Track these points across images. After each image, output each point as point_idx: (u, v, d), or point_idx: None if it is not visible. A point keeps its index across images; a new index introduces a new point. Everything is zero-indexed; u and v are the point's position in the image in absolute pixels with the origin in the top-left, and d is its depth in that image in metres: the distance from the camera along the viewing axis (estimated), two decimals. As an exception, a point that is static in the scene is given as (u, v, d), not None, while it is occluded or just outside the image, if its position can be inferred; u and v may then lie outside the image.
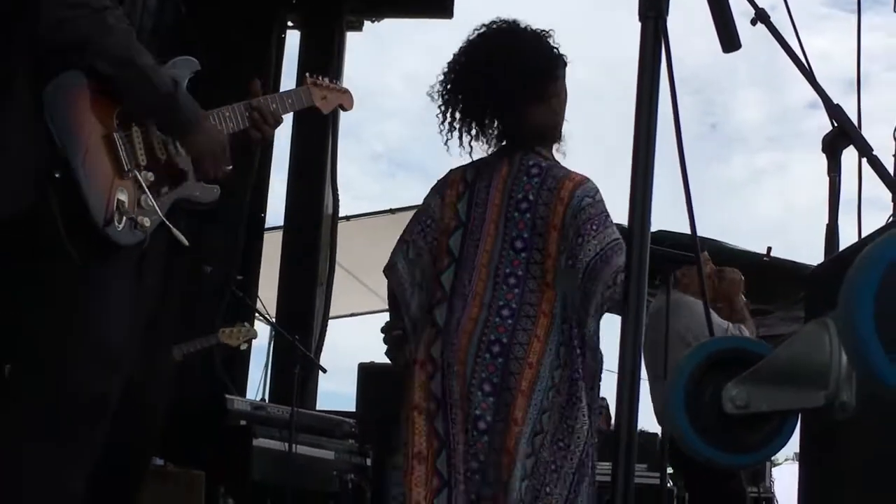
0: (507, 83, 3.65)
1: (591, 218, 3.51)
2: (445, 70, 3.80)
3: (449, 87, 3.77)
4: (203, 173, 3.34)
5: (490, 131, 3.76)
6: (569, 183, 3.57)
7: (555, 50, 3.78)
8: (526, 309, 3.49)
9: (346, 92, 4.08)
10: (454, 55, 3.80)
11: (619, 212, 3.59)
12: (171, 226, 3.19)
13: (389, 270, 3.83)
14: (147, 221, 3.13)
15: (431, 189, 3.88)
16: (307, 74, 3.97)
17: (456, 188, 3.75)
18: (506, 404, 3.42)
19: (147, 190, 3.14)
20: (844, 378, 1.85)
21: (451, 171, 3.86)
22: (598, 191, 3.58)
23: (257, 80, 3.66)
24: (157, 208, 3.15)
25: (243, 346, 7.49)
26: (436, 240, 3.75)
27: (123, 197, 3.08)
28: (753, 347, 2.00)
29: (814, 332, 1.90)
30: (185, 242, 3.24)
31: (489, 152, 3.79)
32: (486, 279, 3.55)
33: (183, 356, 7.05)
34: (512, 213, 3.59)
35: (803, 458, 2.33)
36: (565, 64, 3.83)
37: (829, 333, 1.87)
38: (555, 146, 3.83)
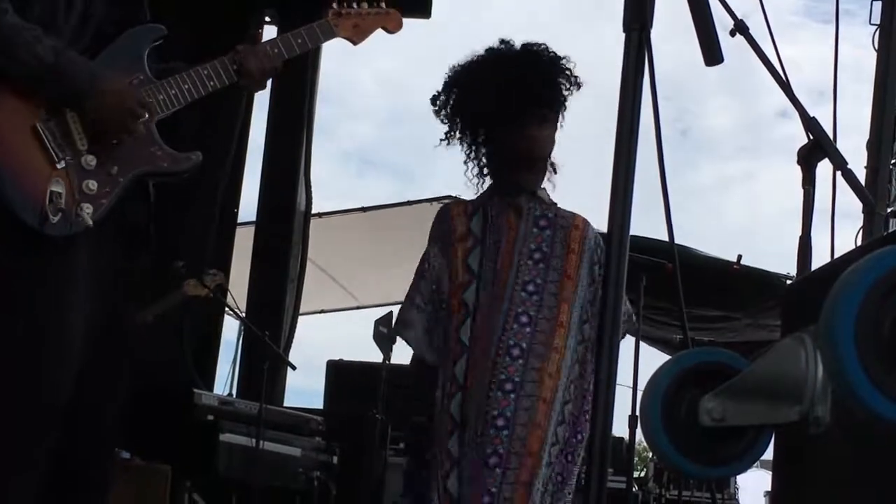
0: (488, 105, 3.62)
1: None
2: (450, 85, 3.74)
3: (451, 104, 3.72)
4: (106, 140, 3.08)
5: (480, 157, 3.75)
6: (575, 233, 3.68)
7: (553, 76, 3.68)
8: (536, 349, 3.54)
9: (391, 12, 3.58)
10: (457, 70, 3.74)
11: (590, 213, 3.64)
12: (83, 213, 2.98)
13: (404, 327, 3.73)
14: (89, 208, 2.99)
15: (432, 239, 3.77)
16: (333, 4, 3.51)
17: (465, 244, 3.66)
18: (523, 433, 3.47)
19: (79, 177, 3.00)
20: (819, 393, 1.87)
21: (450, 216, 3.75)
22: (595, 229, 3.70)
23: (260, 33, 3.49)
24: (87, 197, 2.98)
25: (212, 294, 7.34)
26: (442, 300, 3.68)
27: (59, 188, 2.95)
28: (730, 361, 2.01)
29: (790, 347, 1.91)
30: (90, 223, 2.98)
31: (479, 182, 3.78)
32: (498, 331, 3.56)
33: (153, 318, 6.97)
34: (525, 262, 3.61)
35: (776, 470, 2.35)
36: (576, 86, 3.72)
37: (805, 349, 1.88)
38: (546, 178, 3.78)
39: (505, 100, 3.60)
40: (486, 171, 3.77)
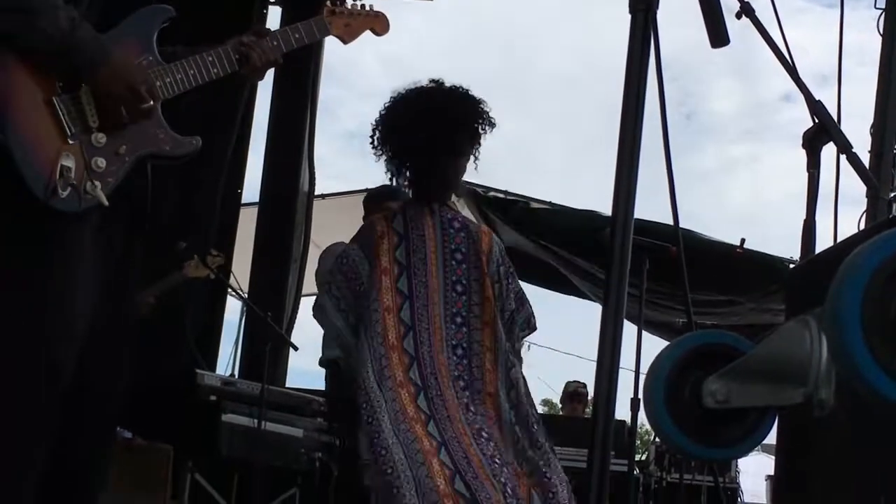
0: (427, 135, 4.03)
1: (508, 270, 4.20)
2: (382, 114, 4.18)
3: (383, 131, 4.16)
4: (115, 117, 3.08)
5: (405, 175, 4.20)
6: (485, 236, 4.18)
7: (480, 111, 4.14)
8: (475, 347, 3.97)
9: (380, 15, 3.75)
10: (390, 103, 4.18)
11: (591, 197, 3.72)
12: (97, 189, 2.99)
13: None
14: (98, 185, 2.99)
15: (354, 240, 4.22)
16: (327, 3, 3.67)
17: (389, 239, 4.08)
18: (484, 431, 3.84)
19: (89, 154, 3.00)
20: (824, 376, 1.86)
21: (372, 222, 4.20)
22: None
23: (264, 27, 3.53)
24: (96, 174, 2.99)
25: (213, 275, 7.37)
26: (360, 287, 4.05)
27: (69, 163, 2.94)
28: (734, 343, 2.01)
29: (794, 329, 1.91)
30: (105, 202, 3.00)
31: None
32: (439, 316, 3.97)
33: (154, 298, 7.02)
34: (449, 261, 4.06)
35: (779, 453, 2.35)
36: (490, 126, 4.17)
37: (809, 331, 1.88)
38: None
39: (432, 136, 4.03)
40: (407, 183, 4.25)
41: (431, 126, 4.04)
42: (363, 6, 3.70)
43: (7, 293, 2.99)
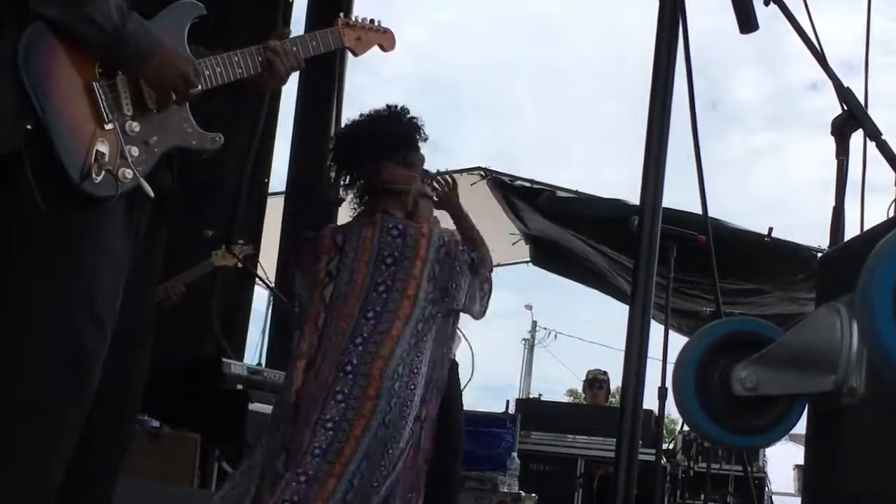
0: (369, 142, 4.49)
1: (454, 261, 4.42)
2: (336, 137, 4.73)
3: (337, 149, 4.68)
4: (163, 104, 3.14)
5: (357, 186, 4.62)
6: (423, 240, 4.39)
7: (417, 126, 4.57)
8: (376, 337, 4.23)
9: (387, 32, 3.99)
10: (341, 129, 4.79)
11: (615, 185, 3.65)
12: (141, 179, 3.03)
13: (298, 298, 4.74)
14: (129, 173, 3.00)
15: (304, 252, 4.69)
16: (340, 14, 3.85)
17: (329, 253, 4.48)
18: (354, 408, 4.12)
19: (124, 141, 3.01)
20: (854, 363, 1.85)
21: (322, 237, 4.56)
22: (442, 235, 4.46)
23: (287, 29, 3.57)
24: (129, 162, 2.99)
25: (240, 264, 7.43)
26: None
27: (104, 148, 2.96)
28: (764, 330, 2.00)
29: (824, 316, 1.90)
30: (151, 193, 3.04)
31: (353, 206, 4.67)
32: (351, 316, 4.28)
33: (185, 287, 7.09)
34: (379, 266, 4.36)
35: (809, 442, 2.33)
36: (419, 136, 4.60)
37: (839, 318, 1.87)
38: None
39: (375, 142, 4.49)
40: (358, 198, 4.63)
41: (361, 138, 4.52)
42: (373, 21, 3.92)
43: (36, 281, 3.00)
